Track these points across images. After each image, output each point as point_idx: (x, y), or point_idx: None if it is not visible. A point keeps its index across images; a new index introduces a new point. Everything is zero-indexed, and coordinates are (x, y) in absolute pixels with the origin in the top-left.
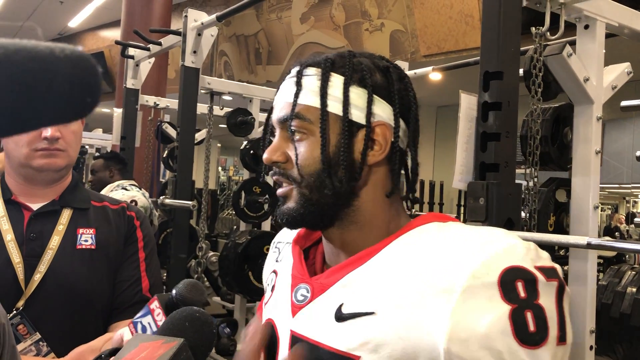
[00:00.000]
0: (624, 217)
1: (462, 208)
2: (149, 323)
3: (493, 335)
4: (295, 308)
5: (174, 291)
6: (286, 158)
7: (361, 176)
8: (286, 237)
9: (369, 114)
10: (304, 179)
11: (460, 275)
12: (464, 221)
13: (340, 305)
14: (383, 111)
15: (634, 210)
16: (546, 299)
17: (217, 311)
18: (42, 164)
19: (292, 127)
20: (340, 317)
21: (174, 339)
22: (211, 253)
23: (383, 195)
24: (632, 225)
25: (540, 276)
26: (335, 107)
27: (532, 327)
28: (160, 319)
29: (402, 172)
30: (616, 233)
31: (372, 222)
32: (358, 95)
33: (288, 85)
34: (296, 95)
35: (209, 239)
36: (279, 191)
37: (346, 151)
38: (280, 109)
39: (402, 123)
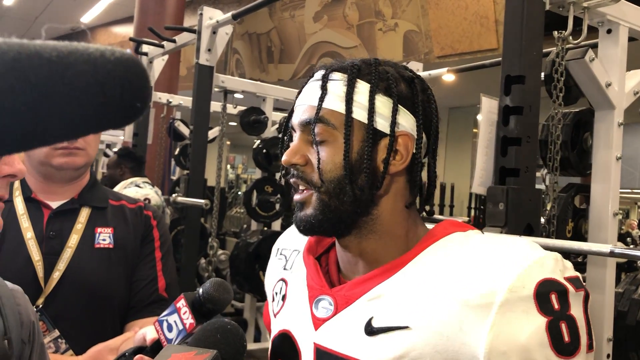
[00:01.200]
0: (636, 223)
1: (472, 211)
2: (175, 322)
3: (532, 347)
4: (318, 321)
5: (200, 289)
6: (306, 161)
7: (382, 185)
8: (291, 244)
9: (394, 123)
10: (324, 184)
11: (498, 289)
12: (478, 225)
13: (370, 319)
14: (407, 122)
15: None
16: (576, 309)
17: (226, 310)
18: (62, 162)
19: (316, 131)
20: (372, 331)
21: (207, 351)
22: (220, 251)
23: (402, 205)
24: None
25: (570, 287)
26: (360, 114)
27: (566, 338)
28: (187, 317)
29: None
30: (628, 239)
31: (391, 231)
32: (383, 104)
33: (312, 88)
34: (321, 99)
35: (218, 237)
36: (297, 197)
37: (369, 159)
38: (303, 112)
39: (423, 135)
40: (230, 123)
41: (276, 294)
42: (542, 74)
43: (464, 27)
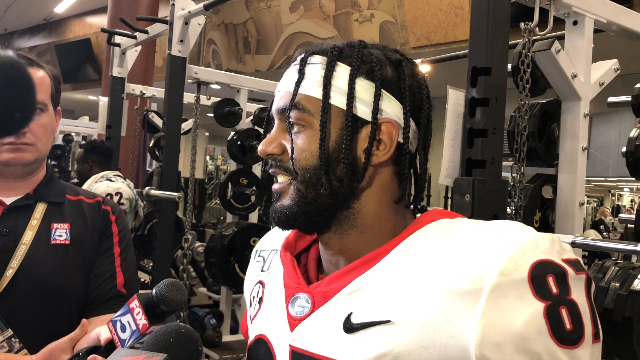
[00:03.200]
0: (609, 211)
1: (449, 200)
2: (128, 322)
3: (529, 335)
4: (294, 320)
5: (154, 290)
6: (282, 150)
7: (364, 177)
8: (270, 244)
9: (376, 109)
10: (299, 173)
11: (487, 273)
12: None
13: (349, 315)
14: (391, 108)
15: (619, 204)
16: (578, 293)
17: (203, 302)
18: (9, 158)
19: (291, 118)
20: (350, 327)
21: (157, 354)
22: (198, 243)
23: (389, 199)
24: (617, 219)
25: (569, 269)
26: (338, 99)
27: (568, 325)
28: (140, 318)
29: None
30: (601, 226)
31: (375, 227)
32: (365, 88)
33: (291, 73)
34: (297, 84)
35: (196, 229)
36: (275, 186)
37: (347, 148)
38: (280, 98)
39: (412, 123)
40: (209, 114)
41: (253, 298)
42: (509, 66)
43: (439, 18)
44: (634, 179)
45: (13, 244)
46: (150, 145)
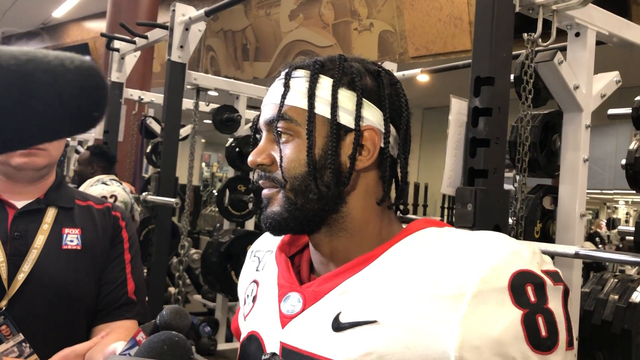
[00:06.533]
0: (604, 223)
1: (446, 210)
2: None
3: (506, 341)
4: (285, 318)
5: (157, 319)
6: (271, 160)
7: (349, 181)
8: (266, 245)
9: (358, 117)
10: (288, 182)
11: (470, 280)
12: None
13: (338, 314)
14: (373, 115)
15: (614, 216)
16: (555, 303)
17: (198, 309)
18: (21, 162)
19: (278, 129)
20: (339, 326)
21: None
22: (193, 250)
23: (374, 202)
24: (613, 231)
25: (548, 280)
26: (323, 109)
27: (543, 332)
28: None
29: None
30: (596, 238)
31: (363, 229)
32: (347, 98)
33: (276, 86)
34: (283, 96)
35: (191, 236)
36: (265, 192)
37: (333, 154)
38: (267, 110)
39: (392, 129)
40: (206, 121)
41: (247, 296)
42: (512, 76)
43: (439, 28)
44: (629, 191)
45: (25, 248)
46: (148, 150)
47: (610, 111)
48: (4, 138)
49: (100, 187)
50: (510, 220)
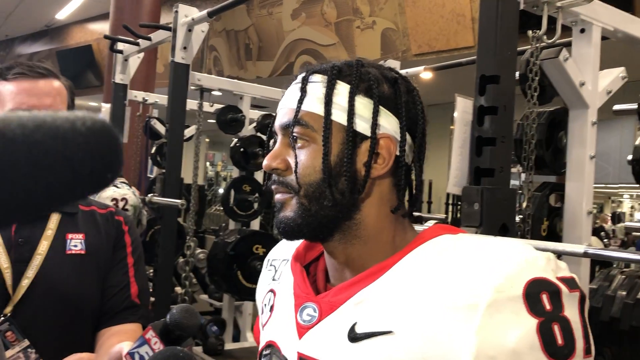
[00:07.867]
0: (609, 218)
1: (450, 207)
2: (146, 352)
3: (522, 350)
4: (302, 329)
5: (168, 317)
6: (286, 166)
7: (364, 189)
8: (281, 254)
9: (375, 125)
10: (302, 188)
11: (484, 290)
12: (452, 222)
13: (354, 325)
14: (389, 123)
15: (619, 211)
16: (571, 310)
17: (204, 309)
18: None
19: (294, 134)
20: (355, 337)
21: None
22: (199, 250)
23: (387, 210)
24: (618, 225)
25: (563, 287)
26: (339, 116)
27: (560, 341)
28: (158, 347)
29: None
30: (602, 233)
31: (377, 237)
32: (364, 105)
33: (293, 91)
34: (300, 101)
35: (197, 235)
36: (277, 197)
37: (349, 162)
38: (283, 115)
39: (408, 137)
40: (209, 120)
41: (265, 305)
42: (517, 73)
43: (441, 25)
44: (634, 185)
45: (29, 253)
46: (153, 151)
47: (616, 107)
48: (10, 209)
49: (112, 190)
50: (517, 219)
